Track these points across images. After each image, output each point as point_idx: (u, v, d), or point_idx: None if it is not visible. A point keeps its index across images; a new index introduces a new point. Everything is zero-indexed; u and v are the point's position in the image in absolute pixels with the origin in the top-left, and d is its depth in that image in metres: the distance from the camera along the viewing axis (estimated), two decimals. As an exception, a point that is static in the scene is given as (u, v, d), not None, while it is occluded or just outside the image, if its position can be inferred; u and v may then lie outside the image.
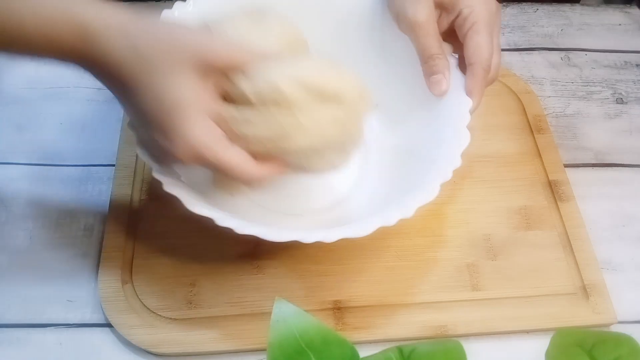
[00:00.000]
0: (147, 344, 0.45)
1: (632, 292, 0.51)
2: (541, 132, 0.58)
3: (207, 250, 0.50)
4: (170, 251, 0.50)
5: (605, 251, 0.52)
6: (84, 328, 0.47)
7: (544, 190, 0.55)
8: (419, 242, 0.51)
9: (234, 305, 0.47)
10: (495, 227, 0.52)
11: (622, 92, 0.65)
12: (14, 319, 0.47)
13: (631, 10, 0.72)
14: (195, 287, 0.48)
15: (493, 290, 0.49)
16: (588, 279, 0.49)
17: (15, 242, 0.51)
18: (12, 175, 0.54)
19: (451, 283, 0.49)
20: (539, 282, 0.50)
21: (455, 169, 0.44)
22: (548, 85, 0.65)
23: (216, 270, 0.49)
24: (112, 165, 0.54)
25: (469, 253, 0.51)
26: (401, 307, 0.48)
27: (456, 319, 0.47)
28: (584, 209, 0.54)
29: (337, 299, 0.48)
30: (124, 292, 0.47)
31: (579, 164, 0.58)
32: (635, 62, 0.67)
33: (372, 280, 0.49)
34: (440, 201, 0.53)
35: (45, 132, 0.57)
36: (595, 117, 0.63)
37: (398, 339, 0.46)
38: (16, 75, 0.61)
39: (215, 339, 0.46)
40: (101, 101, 0.60)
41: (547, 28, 0.70)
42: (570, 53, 0.68)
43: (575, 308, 0.48)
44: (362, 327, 0.47)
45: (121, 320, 0.46)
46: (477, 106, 0.48)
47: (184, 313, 0.47)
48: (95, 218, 0.52)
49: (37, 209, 0.52)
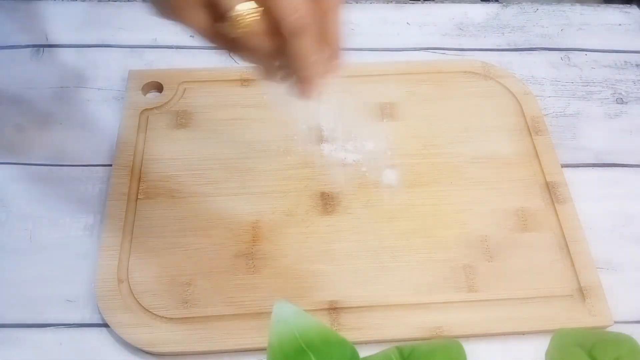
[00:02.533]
0: (143, 343, 0.45)
1: (631, 292, 0.51)
2: (539, 133, 0.58)
3: (203, 249, 0.50)
4: (167, 250, 0.50)
5: (605, 251, 0.52)
6: (83, 328, 0.47)
7: (541, 192, 0.55)
8: (415, 242, 0.51)
9: (230, 304, 0.47)
10: (492, 228, 0.52)
11: (622, 92, 0.64)
12: (14, 319, 0.47)
13: (631, 10, 0.72)
14: (191, 287, 0.48)
15: (489, 292, 0.49)
16: (585, 281, 0.49)
17: (15, 242, 0.51)
18: (12, 175, 0.55)
19: (447, 284, 0.49)
20: (536, 283, 0.49)
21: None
22: (548, 85, 0.65)
23: (212, 270, 0.49)
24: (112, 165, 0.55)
25: (465, 254, 0.51)
26: (396, 307, 0.48)
27: (452, 320, 0.47)
28: (584, 209, 0.54)
29: (332, 299, 0.48)
30: (119, 291, 0.47)
31: (578, 164, 0.58)
32: (635, 62, 0.67)
33: (367, 280, 0.49)
34: (437, 202, 0.54)
35: (45, 132, 0.58)
36: (595, 117, 0.62)
37: (394, 339, 0.46)
38: (16, 75, 0.61)
39: (211, 338, 0.46)
40: (101, 101, 0.60)
41: (547, 28, 0.70)
42: (570, 53, 0.67)
43: (571, 310, 0.48)
44: (357, 328, 0.47)
45: (117, 319, 0.46)
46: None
47: (179, 312, 0.47)
48: (95, 218, 0.52)
49: (37, 209, 0.53)
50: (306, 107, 0.45)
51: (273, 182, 0.54)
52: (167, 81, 0.60)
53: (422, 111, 0.60)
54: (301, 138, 0.57)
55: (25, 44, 0.64)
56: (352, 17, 0.69)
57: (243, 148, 0.56)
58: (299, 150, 0.56)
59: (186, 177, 0.54)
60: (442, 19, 0.70)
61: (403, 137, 0.58)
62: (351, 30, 0.68)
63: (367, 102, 0.60)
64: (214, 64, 0.63)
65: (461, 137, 0.58)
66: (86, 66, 0.63)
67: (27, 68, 0.61)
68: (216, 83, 0.61)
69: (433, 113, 0.60)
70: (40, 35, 0.65)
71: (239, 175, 0.55)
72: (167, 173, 0.55)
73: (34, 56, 0.57)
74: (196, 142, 0.57)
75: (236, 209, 0.53)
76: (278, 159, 0.56)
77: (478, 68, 0.63)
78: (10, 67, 0.61)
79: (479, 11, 0.71)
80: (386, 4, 0.71)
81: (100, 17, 0.67)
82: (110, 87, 0.61)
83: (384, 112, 0.60)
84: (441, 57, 0.66)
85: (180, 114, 0.58)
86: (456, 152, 0.57)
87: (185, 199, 0.53)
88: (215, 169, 0.55)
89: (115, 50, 0.64)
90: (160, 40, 0.65)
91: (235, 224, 0.52)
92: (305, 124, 0.58)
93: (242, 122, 0.58)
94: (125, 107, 0.58)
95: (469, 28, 0.69)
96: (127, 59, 0.63)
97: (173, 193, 0.53)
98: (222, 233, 0.51)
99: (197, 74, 0.61)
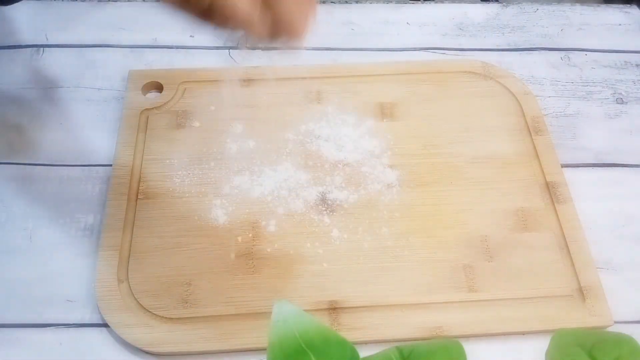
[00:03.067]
0: (143, 343, 0.45)
1: (631, 292, 0.51)
2: (539, 133, 0.58)
3: (203, 249, 0.50)
4: (166, 250, 0.50)
5: (605, 251, 0.52)
6: (83, 328, 0.47)
7: (541, 192, 0.55)
8: (415, 243, 0.51)
9: (230, 304, 0.47)
10: (492, 228, 0.52)
11: (622, 92, 0.64)
12: (14, 319, 0.47)
13: (631, 10, 0.72)
14: (190, 287, 0.48)
15: (489, 292, 0.49)
16: (584, 281, 0.49)
17: (15, 242, 0.51)
18: (12, 175, 0.55)
19: (447, 284, 0.49)
20: (535, 284, 0.49)
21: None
22: (548, 85, 0.65)
23: (212, 270, 0.49)
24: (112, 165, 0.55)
25: (465, 254, 0.51)
26: (396, 307, 0.48)
27: (452, 320, 0.47)
28: (584, 209, 0.54)
29: (332, 299, 0.48)
30: (119, 291, 0.47)
31: (578, 164, 0.58)
32: (635, 62, 0.67)
33: (367, 280, 0.49)
34: (437, 202, 0.54)
35: (45, 132, 0.58)
36: (595, 117, 0.62)
37: (393, 339, 0.46)
38: (16, 75, 0.61)
39: (210, 338, 0.46)
40: (101, 101, 0.60)
41: (547, 28, 0.70)
42: (570, 53, 0.67)
43: (571, 310, 0.48)
44: (357, 328, 0.47)
45: (117, 319, 0.46)
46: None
47: (179, 312, 0.47)
48: (95, 218, 0.52)
49: (37, 209, 0.53)
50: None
51: (273, 182, 0.54)
52: (167, 81, 0.60)
53: (422, 111, 0.60)
54: (301, 138, 0.57)
55: (25, 44, 0.64)
56: (352, 17, 0.69)
57: (243, 148, 0.56)
58: (299, 150, 0.56)
59: (186, 177, 0.54)
60: (442, 19, 0.70)
61: (403, 137, 0.58)
62: (351, 30, 0.68)
63: (367, 102, 0.60)
64: (214, 64, 0.63)
65: (461, 137, 0.58)
66: (86, 66, 0.63)
67: (27, 68, 0.61)
68: (216, 83, 0.61)
69: (433, 113, 0.60)
70: (40, 35, 0.65)
71: (238, 176, 0.55)
72: (167, 173, 0.55)
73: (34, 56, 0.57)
74: (196, 142, 0.57)
75: (236, 209, 0.53)
76: (278, 158, 0.56)
77: (478, 68, 0.63)
78: (10, 67, 0.61)
79: (479, 11, 0.71)
80: (386, 4, 0.71)
81: (100, 17, 0.67)
82: (110, 87, 0.61)
83: (384, 112, 0.60)
84: (441, 57, 0.66)
85: (180, 114, 0.58)
86: (456, 152, 0.57)
87: (185, 199, 0.53)
88: (215, 169, 0.55)
89: (115, 50, 0.65)
90: (160, 40, 0.65)
91: (235, 224, 0.52)
92: (305, 124, 0.58)
93: (242, 122, 0.58)
94: (125, 107, 0.58)
95: (469, 28, 0.69)
96: (127, 59, 0.64)
97: (173, 193, 0.53)
98: (222, 233, 0.51)
99: (197, 74, 0.61)
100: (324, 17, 0.69)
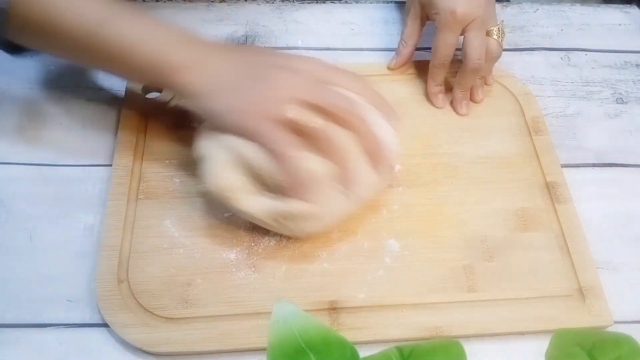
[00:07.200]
0: (143, 343, 0.45)
1: (631, 292, 0.51)
2: (539, 133, 0.58)
3: (203, 249, 0.50)
4: (166, 250, 0.50)
5: (605, 251, 0.52)
6: (84, 328, 0.47)
7: (541, 192, 0.55)
8: (414, 242, 0.51)
9: (230, 304, 0.47)
10: (492, 228, 0.52)
11: (622, 92, 0.64)
12: (14, 319, 0.47)
13: (631, 10, 0.72)
14: (190, 287, 0.48)
15: (489, 292, 0.49)
16: (584, 281, 0.49)
17: (15, 242, 0.51)
18: (12, 175, 0.55)
19: (447, 284, 0.49)
20: (535, 284, 0.49)
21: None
22: (548, 85, 0.65)
23: (212, 270, 0.49)
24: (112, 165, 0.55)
25: (465, 254, 0.51)
26: (396, 307, 0.48)
27: (451, 320, 0.47)
28: (584, 209, 0.54)
29: (332, 299, 0.48)
30: (119, 291, 0.47)
31: (579, 164, 0.58)
32: (635, 62, 0.67)
33: (367, 280, 0.49)
34: (437, 202, 0.54)
35: (45, 132, 0.58)
36: (595, 117, 0.62)
37: (393, 339, 0.46)
38: (16, 75, 0.61)
39: (210, 338, 0.46)
40: (101, 101, 0.60)
41: (547, 28, 0.70)
42: (570, 53, 0.67)
43: (571, 310, 0.48)
44: (357, 328, 0.47)
45: (117, 319, 0.46)
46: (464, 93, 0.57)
47: (179, 312, 0.47)
48: (95, 218, 0.52)
49: (37, 209, 0.53)
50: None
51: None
52: (167, 81, 0.60)
53: (422, 111, 0.60)
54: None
55: (25, 44, 0.64)
56: (352, 17, 0.69)
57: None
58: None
59: (186, 177, 0.54)
60: (442, 19, 0.69)
61: (403, 137, 0.58)
62: (351, 30, 0.68)
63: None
64: (214, 64, 0.63)
65: (461, 137, 0.58)
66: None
67: (27, 68, 0.61)
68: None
69: (433, 113, 0.60)
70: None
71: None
72: (167, 173, 0.55)
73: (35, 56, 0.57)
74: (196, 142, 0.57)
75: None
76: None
77: (478, 68, 0.63)
78: (11, 67, 0.61)
79: (479, 11, 0.71)
80: (386, 4, 0.71)
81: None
82: (110, 87, 0.61)
83: (384, 112, 0.59)
84: (441, 57, 0.66)
85: (180, 114, 0.58)
86: (456, 152, 0.57)
87: (185, 199, 0.53)
88: (215, 169, 0.55)
89: (115, 50, 0.64)
90: (160, 40, 0.65)
91: (235, 224, 0.52)
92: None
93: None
94: (125, 107, 0.58)
95: (469, 28, 0.69)
96: (127, 59, 0.63)
97: (173, 193, 0.53)
98: (222, 233, 0.51)
99: (197, 74, 0.61)
100: (324, 17, 0.69)
